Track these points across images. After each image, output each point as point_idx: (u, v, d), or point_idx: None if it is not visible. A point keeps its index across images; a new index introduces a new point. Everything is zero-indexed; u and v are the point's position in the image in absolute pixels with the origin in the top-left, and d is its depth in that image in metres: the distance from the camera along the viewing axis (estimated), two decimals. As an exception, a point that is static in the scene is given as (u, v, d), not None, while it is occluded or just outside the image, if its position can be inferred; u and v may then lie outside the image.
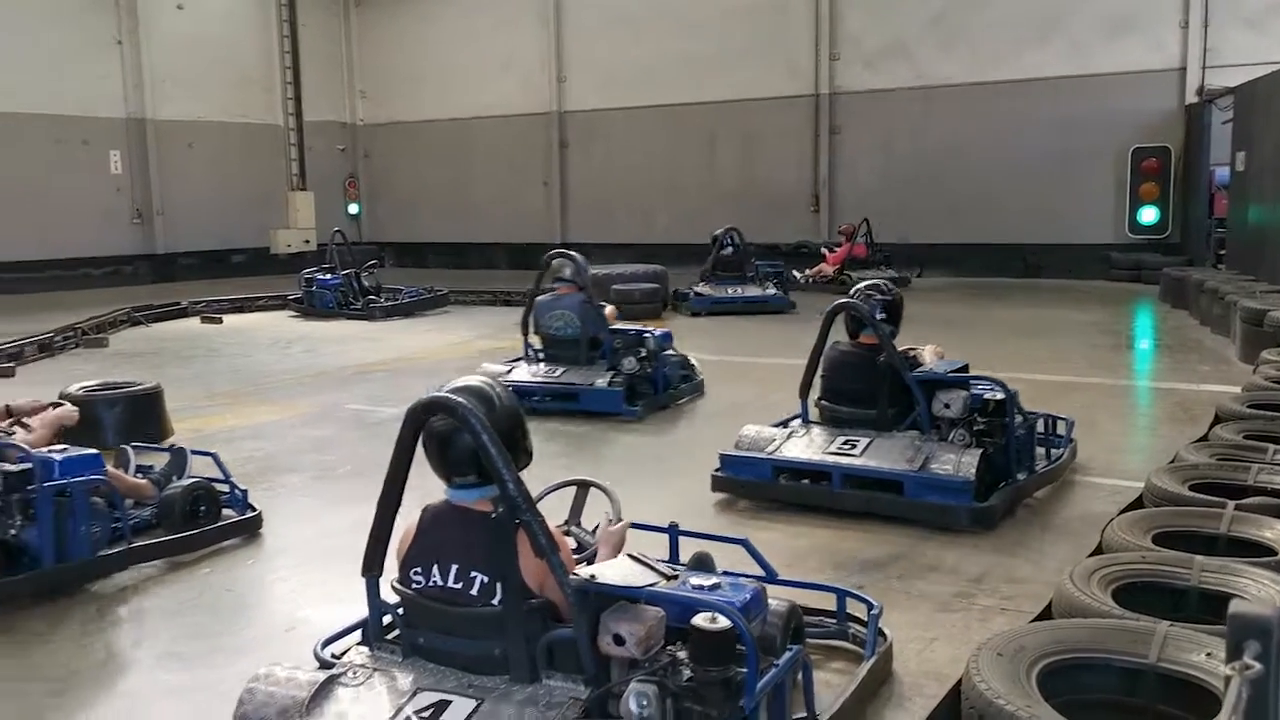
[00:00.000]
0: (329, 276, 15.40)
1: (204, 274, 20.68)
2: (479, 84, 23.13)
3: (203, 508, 5.25)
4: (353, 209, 25.27)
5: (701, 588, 2.90)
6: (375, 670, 2.94)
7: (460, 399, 2.88)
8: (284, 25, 22.48)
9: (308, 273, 15.59)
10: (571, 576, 2.79)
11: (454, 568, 2.91)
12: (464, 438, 2.86)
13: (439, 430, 2.94)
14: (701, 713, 2.68)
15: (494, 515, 2.88)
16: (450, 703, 2.76)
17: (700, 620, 2.71)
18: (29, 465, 4.52)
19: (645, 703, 2.60)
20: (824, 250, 17.61)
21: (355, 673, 2.91)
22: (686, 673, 2.72)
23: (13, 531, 4.41)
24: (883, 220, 17.96)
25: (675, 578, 2.97)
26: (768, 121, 20.26)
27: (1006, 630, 3.26)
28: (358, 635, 3.24)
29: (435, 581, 2.92)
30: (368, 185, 25.51)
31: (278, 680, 2.88)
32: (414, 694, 2.81)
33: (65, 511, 4.52)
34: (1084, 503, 5.58)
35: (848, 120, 19.66)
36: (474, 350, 11.73)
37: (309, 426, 7.92)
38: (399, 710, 2.76)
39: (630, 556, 2.99)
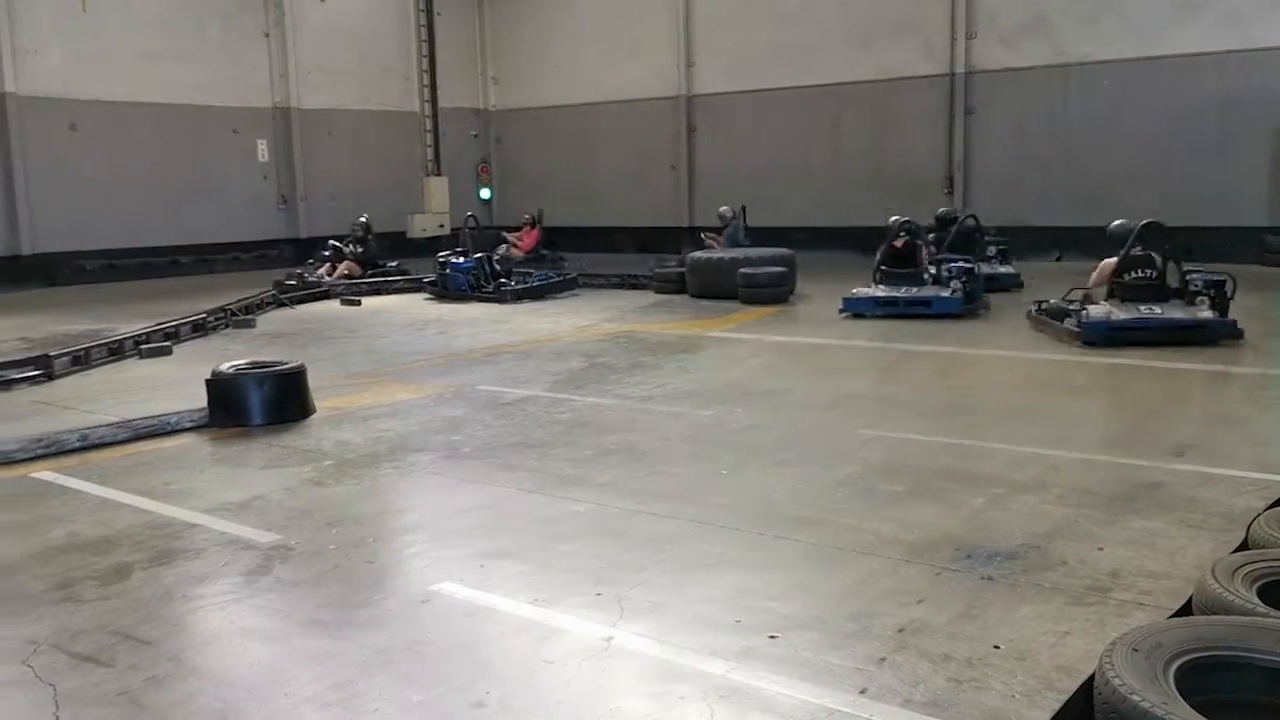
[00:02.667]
0: (462, 260, 15.77)
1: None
2: (606, 69, 23.30)
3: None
4: (485, 193, 25.80)
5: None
6: None
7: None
8: (421, 15, 23.03)
9: (441, 256, 16.00)
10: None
11: None
12: None
13: None
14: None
15: None
16: None
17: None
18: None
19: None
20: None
21: None
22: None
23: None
24: (1016, 201, 17.41)
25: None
26: (900, 102, 19.85)
27: (1143, 625, 3.17)
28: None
29: None
30: (499, 170, 26.00)
31: None
32: None
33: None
34: (1227, 497, 5.34)
35: (983, 100, 19.11)
36: (601, 333, 11.86)
37: (441, 406, 8.15)
38: None
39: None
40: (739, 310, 13.46)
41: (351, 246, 17.68)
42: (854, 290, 12.53)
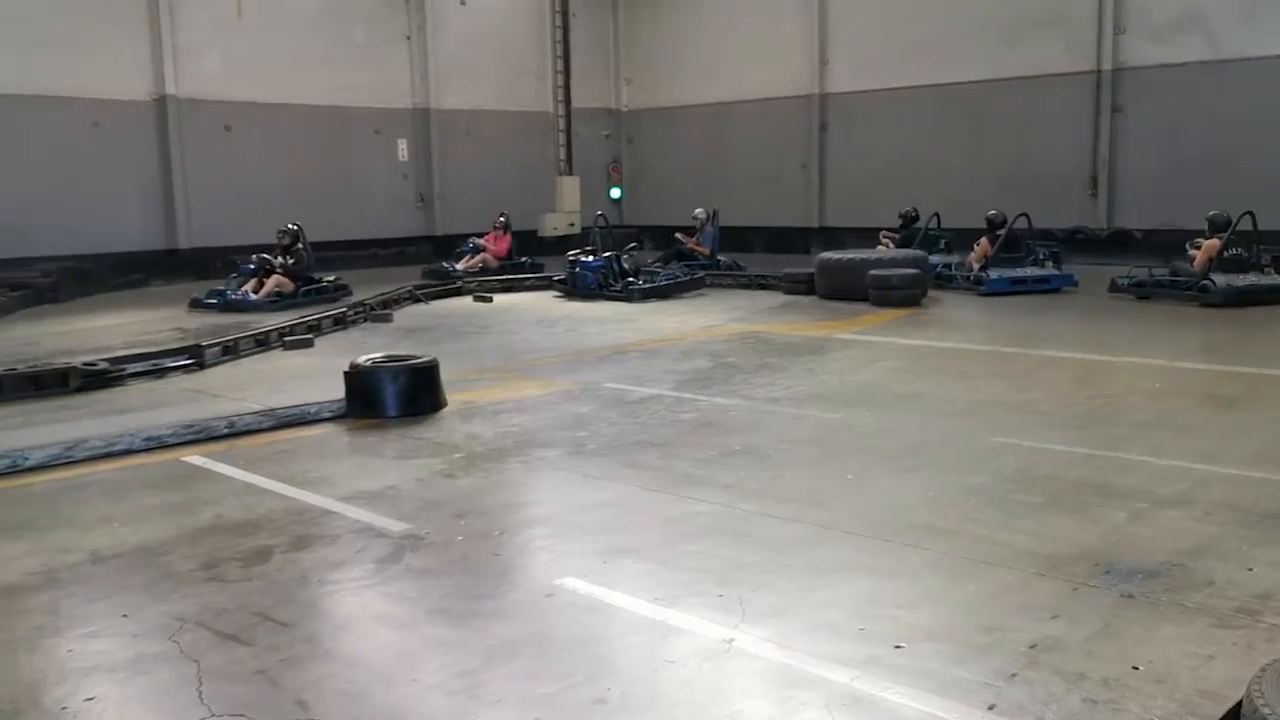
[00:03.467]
0: (591, 259, 15.93)
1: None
2: (739, 68, 23.22)
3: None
4: (615, 193, 26.01)
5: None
6: None
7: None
8: (556, 17, 23.34)
9: (571, 255, 16.20)
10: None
11: None
12: None
13: None
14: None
15: None
16: None
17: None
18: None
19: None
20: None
21: None
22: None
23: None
24: (1166, 203, 16.68)
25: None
26: (1041, 100, 19.19)
27: (1296, 653, 2.99)
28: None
29: None
30: (630, 169, 26.18)
31: None
32: None
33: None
34: (1397, 520, 5.01)
35: (1132, 98, 18.33)
36: (728, 333, 11.83)
37: (568, 403, 8.25)
38: None
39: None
40: (869, 312, 13.24)
41: (281, 258, 15.35)
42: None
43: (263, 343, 11.16)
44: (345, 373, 7.92)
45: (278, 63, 20.00)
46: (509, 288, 16.80)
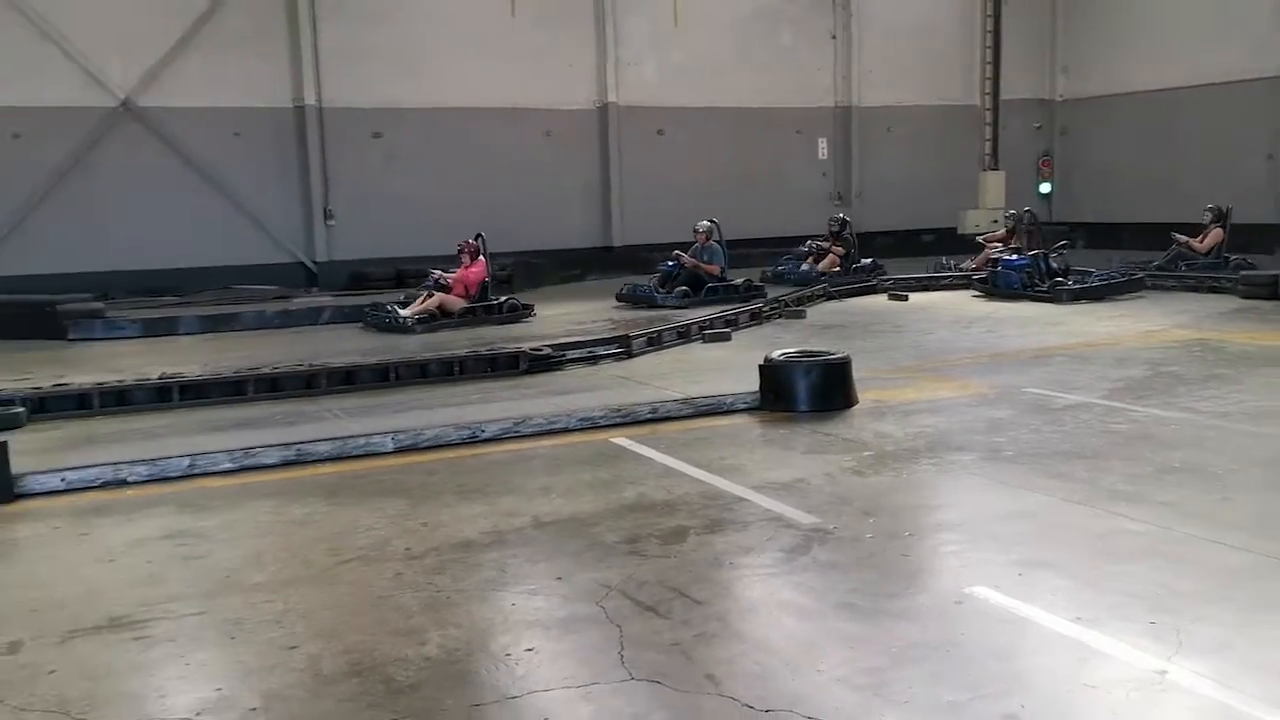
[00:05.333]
0: (1015, 257, 15.20)
1: (895, 253, 21.60)
2: (1192, 49, 21.03)
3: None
4: (1044, 188, 24.61)
5: None
6: None
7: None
8: (987, 5, 22.45)
9: (994, 253, 15.55)
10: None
11: None
12: None
13: None
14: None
15: None
16: None
17: None
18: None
19: None
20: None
21: None
22: None
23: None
24: None
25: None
26: None
27: None
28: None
29: None
30: (1062, 163, 24.63)
31: None
32: None
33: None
34: None
35: None
36: (1170, 339, 10.81)
37: (984, 407, 7.93)
38: None
39: None
40: (1348, 321, 11.55)
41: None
42: None
43: (684, 335, 11.74)
44: (760, 366, 8.14)
45: (707, 68, 20.92)
46: (924, 286, 16.43)
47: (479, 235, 14.27)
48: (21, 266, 16.00)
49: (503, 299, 14.16)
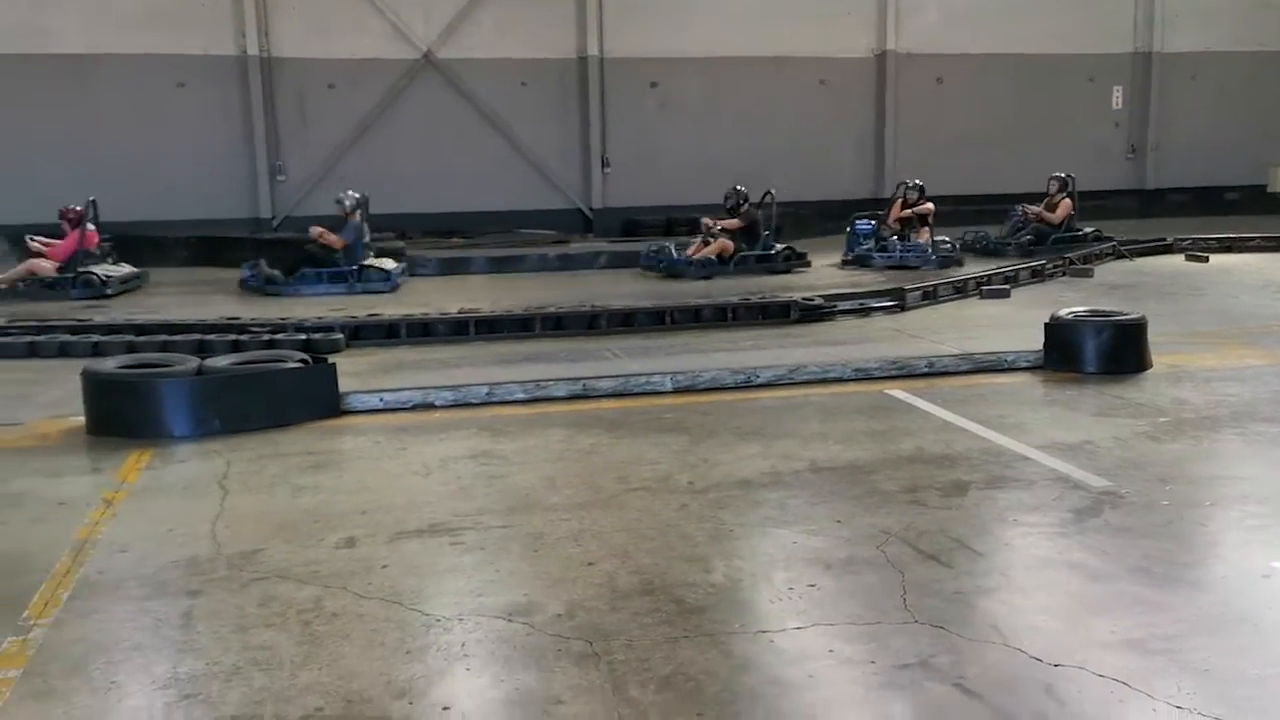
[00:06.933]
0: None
1: (1192, 211, 20.07)
2: None
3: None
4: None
5: None
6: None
7: None
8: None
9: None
10: None
11: None
12: None
13: None
14: None
15: None
16: None
17: None
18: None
19: None
20: None
21: None
22: None
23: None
24: None
25: None
26: None
27: None
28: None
29: None
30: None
31: None
32: None
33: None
34: None
35: None
36: None
37: (1298, 378, 7.34)
38: None
39: None
40: None
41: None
42: None
43: (960, 290, 11.45)
44: (1045, 324, 7.86)
45: (993, 12, 20.01)
46: (1227, 247, 15.20)
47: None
48: (332, 206, 17.51)
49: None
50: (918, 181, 14.88)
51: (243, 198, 17.90)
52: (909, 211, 14.63)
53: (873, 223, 14.59)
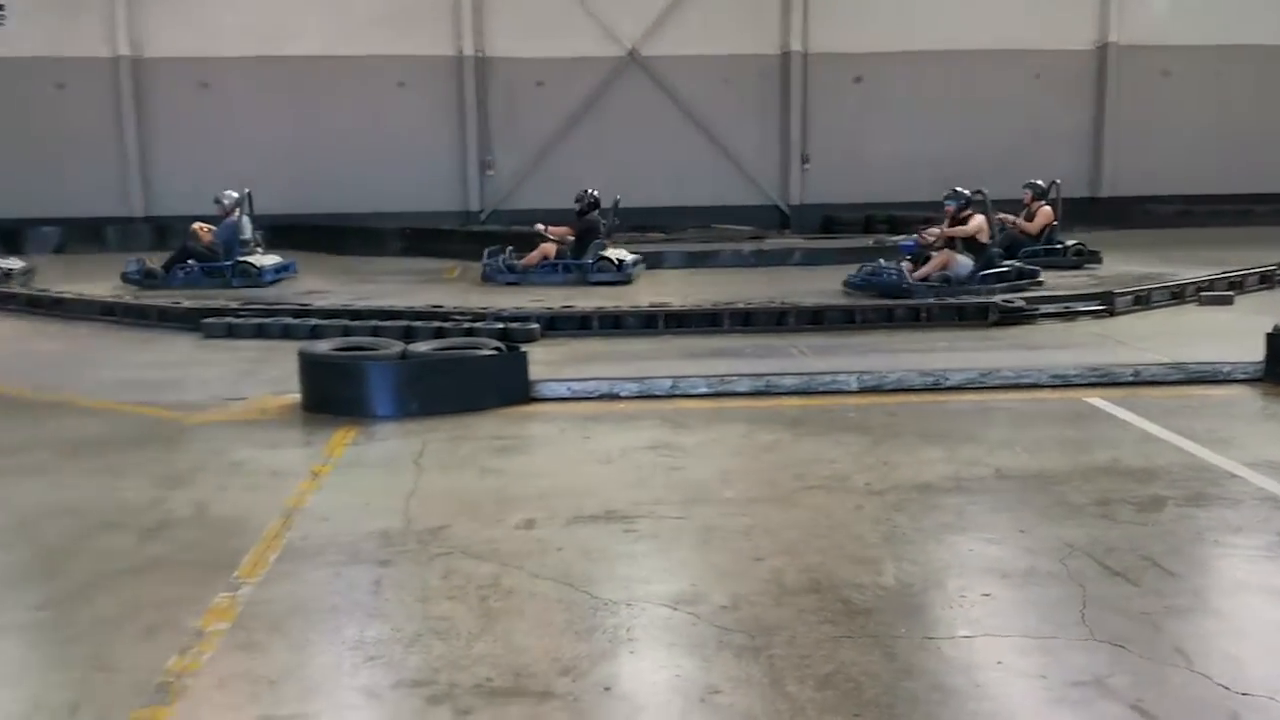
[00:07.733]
0: None
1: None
2: None
3: None
4: None
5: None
6: None
7: None
8: None
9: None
10: None
11: None
12: None
13: None
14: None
15: None
16: None
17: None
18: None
19: None
20: None
21: None
22: None
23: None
24: None
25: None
26: None
27: None
28: None
29: None
30: None
31: None
32: None
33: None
34: None
35: None
36: None
37: None
38: None
39: None
40: None
41: None
42: None
43: (1178, 295, 10.79)
44: (1268, 334, 7.32)
45: (1227, 3, 18.72)
46: None
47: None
48: (538, 200, 18.04)
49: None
50: (961, 189, 11.88)
51: (453, 191, 18.75)
52: (956, 230, 11.57)
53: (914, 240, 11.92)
